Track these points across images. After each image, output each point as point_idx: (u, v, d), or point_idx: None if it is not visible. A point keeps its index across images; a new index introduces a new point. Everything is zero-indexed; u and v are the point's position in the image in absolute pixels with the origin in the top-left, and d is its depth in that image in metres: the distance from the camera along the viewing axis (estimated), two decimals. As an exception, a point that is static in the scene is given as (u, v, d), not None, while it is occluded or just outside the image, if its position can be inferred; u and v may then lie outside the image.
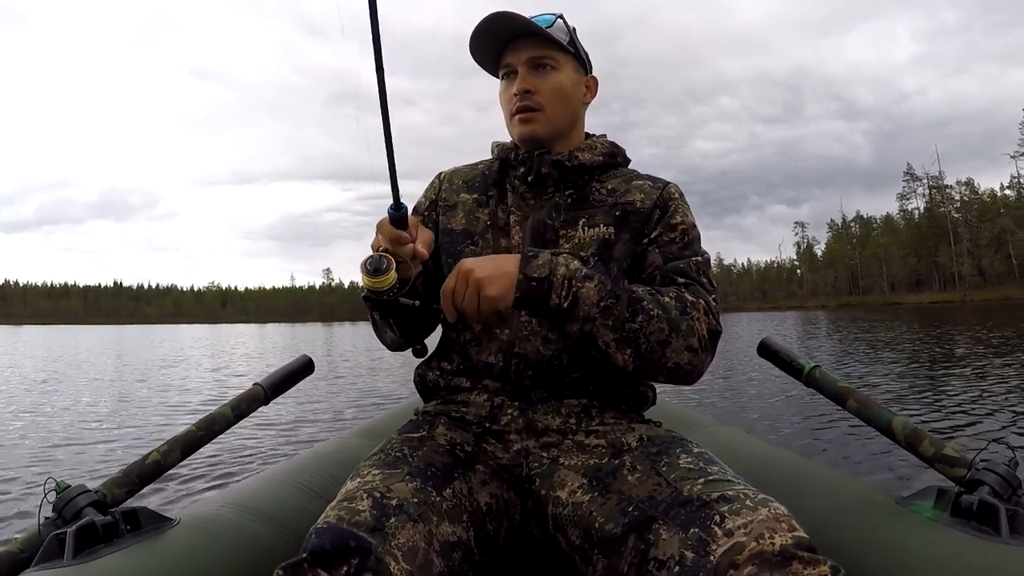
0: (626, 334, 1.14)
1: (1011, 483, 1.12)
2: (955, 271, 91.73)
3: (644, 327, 1.14)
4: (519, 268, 1.13)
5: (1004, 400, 6.12)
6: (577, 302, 1.13)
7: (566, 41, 1.35)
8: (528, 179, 1.38)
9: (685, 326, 1.16)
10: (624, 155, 1.44)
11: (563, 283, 1.13)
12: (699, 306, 1.19)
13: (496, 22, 1.29)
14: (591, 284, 1.13)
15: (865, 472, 3.82)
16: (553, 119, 1.35)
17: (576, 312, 1.13)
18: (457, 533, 1.05)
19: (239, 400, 1.51)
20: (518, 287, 1.12)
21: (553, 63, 1.34)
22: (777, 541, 0.83)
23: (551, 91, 1.34)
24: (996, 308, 40.12)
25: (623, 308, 1.14)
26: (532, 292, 1.12)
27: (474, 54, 1.37)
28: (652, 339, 1.14)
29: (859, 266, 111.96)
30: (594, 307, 1.13)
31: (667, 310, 1.16)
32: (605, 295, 1.13)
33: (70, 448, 5.15)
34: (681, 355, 1.16)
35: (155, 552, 1.09)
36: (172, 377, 11.66)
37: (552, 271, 1.13)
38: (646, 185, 1.37)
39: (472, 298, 1.11)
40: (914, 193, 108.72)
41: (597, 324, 1.14)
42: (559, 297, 1.13)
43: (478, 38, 1.33)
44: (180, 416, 6.84)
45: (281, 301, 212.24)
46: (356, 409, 7.04)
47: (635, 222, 1.32)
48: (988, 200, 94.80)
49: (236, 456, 4.64)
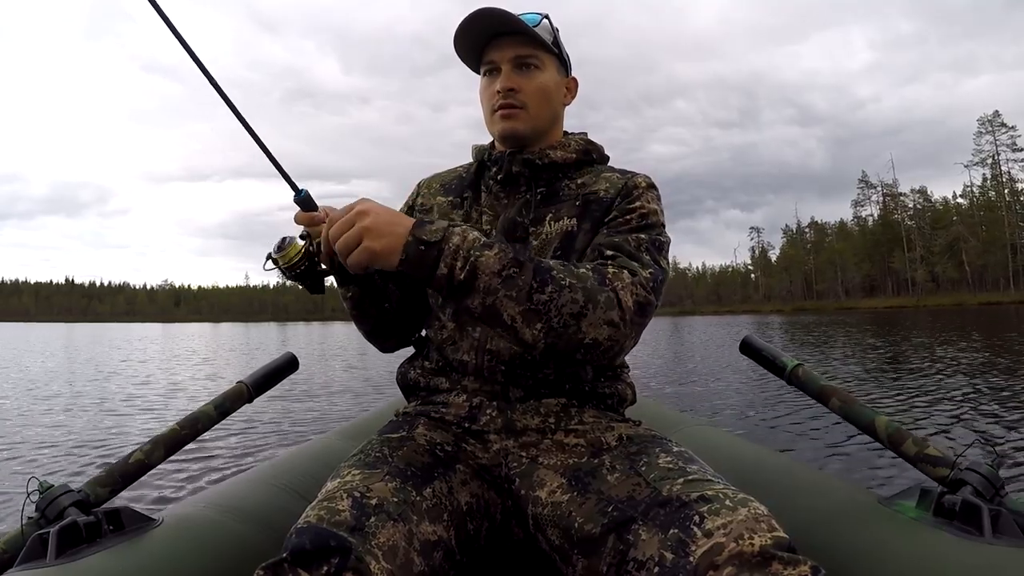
0: (534, 306, 1.08)
1: (994, 483, 1.14)
2: (909, 277, 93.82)
3: (555, 298, 1.08)
4: (410, 229, 1.07)
5: (987, 402, 6.24)
6: (476, 273, 1.07)
7: (550, 41, 1.36)
8: (499, 178, 1.39)
9: (604, 298, 1.11)
10: (601, 152, 1.45)
11: (455, 252, 1.07)
12: (622, 276, 1.14)
13: (485, 17, 1.30)
14: (491, 253, 1.08)
15: (848, 472, 3.87)
16: (535, 118, 1.36)
17: (476, 284, 1.07)
18: (438, 532, 1.07)
19: (223, 398, 1.51)
20: (405, 248, 1.06)
21: (537, 63, 1.35)
22: (757, 541, 0.85)
23: (535, 91, 1.35)
24: (949, 313, 41.12)
25: (528, 277, 1.08)
26: (420, 257, 1.07)
27: (458, 47, 1.38)
28: (565, 311, 1.08)
29: (814, 271, 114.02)
30: (495, 276, 1.07)
31: (582, 279, 1.11)
32: (507, 263, 1.08)
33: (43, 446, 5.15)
34: (600, 329, 1.10)
35: (138, 552, 1.11)
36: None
37: (445, 238, 1.08)
38: (614, 176, 1.37)
39: (351, 243, 1.06)
40: (868, 200, 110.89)
41: (500, 296, 1.08)
42: (448, 267, 1.07)
43: (464, 32, 1.33)
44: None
45: (235, 300, 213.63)
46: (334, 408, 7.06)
47: (596, 211, 1.32)
48: (941, 208, 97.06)
49: (220, 455, 4.67)
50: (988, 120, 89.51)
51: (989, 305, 60.76)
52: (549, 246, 1.31)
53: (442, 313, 1.38)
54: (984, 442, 4.18)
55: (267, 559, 0.91)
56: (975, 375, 8.10)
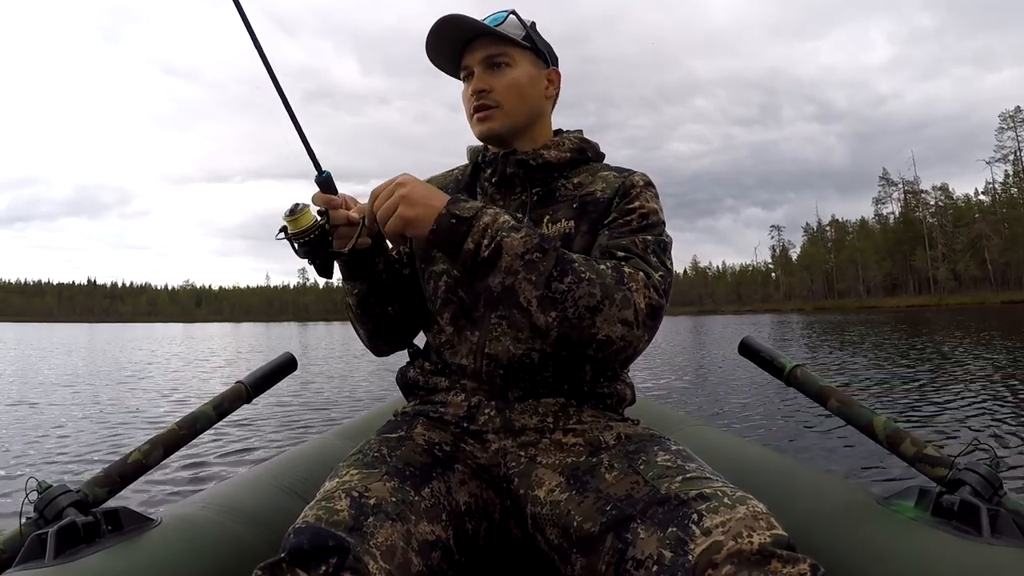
0: (551, 294, 1.11)
1: (992, 483, 1.14)
2: (930, 275, 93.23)
3: (573, 289, 1.10)
4: (445, 203, 1.14)
5: (985, 401, 6.25)
6: (500, 252, 1.12)
7: (521, 36, 1.37)
8: (493, 179, 1.40)
9: (620, 296, 1.12)
10: (596, 150, 1.45)
11: (484, 230, 1.13)
12: (637, 278, 1.16)
13: (445, 26, 1.32)
14: (517, 235, 1.13)
15: (846, 471, 3.87)
16: (511, 115, 1.36)
17: (498, 263, 1.12)
18: (436, 532, 1.08)
19: (221, 398, 1.52)
20: (437, 220, 1.13)
21: (508, 60, 1.35)
22: (756, 539, 0.85)
23: (506, 88, 1.35)
24: (972, 312, 40.70)
25: (550, 264, 1.11)
26: (450, 230, 1.13)
27: (433, 60, 1.40)
28: (581, 304, 1.10)
29: (835, 270, 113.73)
30: (518, 259, 1.11)
31: (601, 275, 1.13)
32: (532, 248, 1.12)
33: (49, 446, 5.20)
34: (613, 327, 1.12)
35: (136, 552, 1.11)
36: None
37: (476, 216, 1.14)
38: (611, 176, 1.37)
39: (389, 208, 1.13)
40: (889, 198, 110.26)
41: (520, 278, 1.11)
42: (476, 243, 1.12)
43: (432, 45, 1.36)
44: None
45: (255, 300, 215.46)
46: (336, 408, 7.11)
47: (594, 212, 1.32)
48: (963, 205, 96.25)
49: (218, 455, 4.70)
50: (1010, 116, 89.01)
51: (1012, 304, 60.11)
52: None
53: (440, 317, 1.39)
54: (983, 442, 4.16)
55: (266, 559, 0.92)
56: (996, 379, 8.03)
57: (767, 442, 4.69)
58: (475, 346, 1.33)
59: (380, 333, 1.45)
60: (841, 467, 4.00)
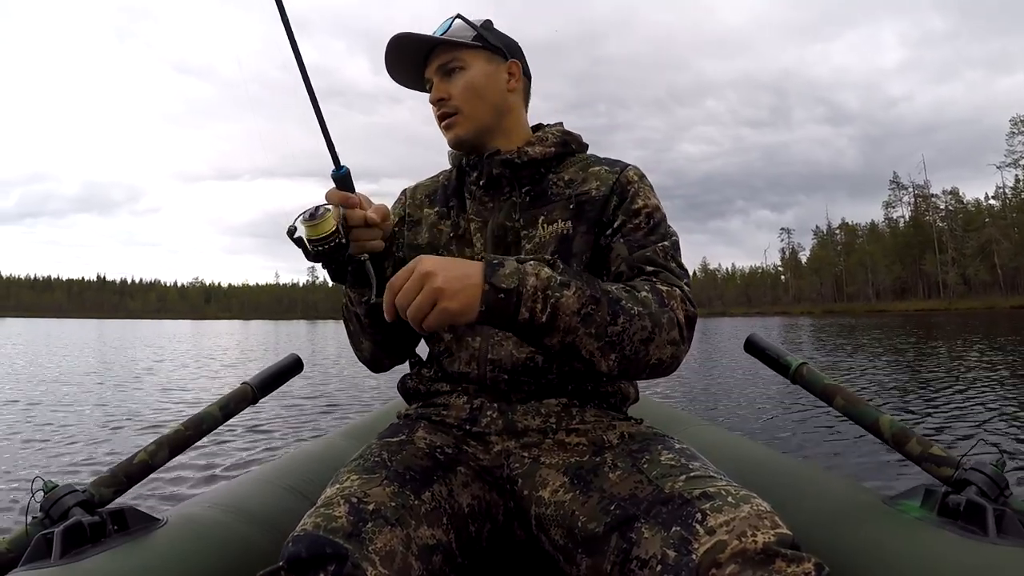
0: (609, 339, 1.08)
1: (998, 483, 1.15)
2: (940, 280, 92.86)
3: (627, 328, 1.09)
4: (484, 278, 1.03)
5: (993, 402, 6.24)
6: (557, 313, 1.05)
7: (470, 38, 1.36)
8: (481, 183, 1.39)
9: (666, 319, 1.12)
10: (579, 141, 1.45)
11: (534, 294, 1.04)
12: (675, 295, 1.16)
13: (393, 48, 1.34)
14: (569, 292, 1.06)
15: (851, 471, 3.86)
16: (473, 117, 1.36)
17: (556, 324, 1.05)
18: (436, 536, 1.08)
19: (227, 399, 1.53)
20: (483, 300, 1.02)
21: (460, 64, 1.36)
22: (760, 539, 0.85)
23: (461, 91, 1.35)
24: (981, 316, 40.51)
25: (604, 312, 1.07)
26: (500, 306, 1.03)
27: (398, 81, 1.42)
28: (636, 339, 1.10)
29: (844, 273, 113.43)
30: (575, 316, 1.06)
31: (647, 306, 1.12)
32: (586, 301, 1.06)
33: (57, 446, 5.20)
34: (664, 350, 1.13)
35: (142, 552, 1.12)
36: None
37: (522, 281, 1.04)
38: (603, 171, 1.37)
39: (424, 307, 1.00)
40: (900, 201, 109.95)
41: (580, 334, 1.07)
42: (529, 311, 1.04)
43: (390, 66, 1.38)
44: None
45: (265, 298, 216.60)
46: (342, 408, 7.11)
47: (591, 212, 1.32)
48: (973, 210, 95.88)
49: (224, 455, 4.70)
50: (1021, 120, 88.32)
51: (1021, 309, 59.69)
52: (544, 249, 1.31)
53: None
54: (989, 442, 4.15)
55: (271, 559, 0.94)
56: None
57: (771, 441, 4.70)
58: (477, 352, 1.33)
59: (387, 344, 1.42)
60: (846, 466, 3.99)
